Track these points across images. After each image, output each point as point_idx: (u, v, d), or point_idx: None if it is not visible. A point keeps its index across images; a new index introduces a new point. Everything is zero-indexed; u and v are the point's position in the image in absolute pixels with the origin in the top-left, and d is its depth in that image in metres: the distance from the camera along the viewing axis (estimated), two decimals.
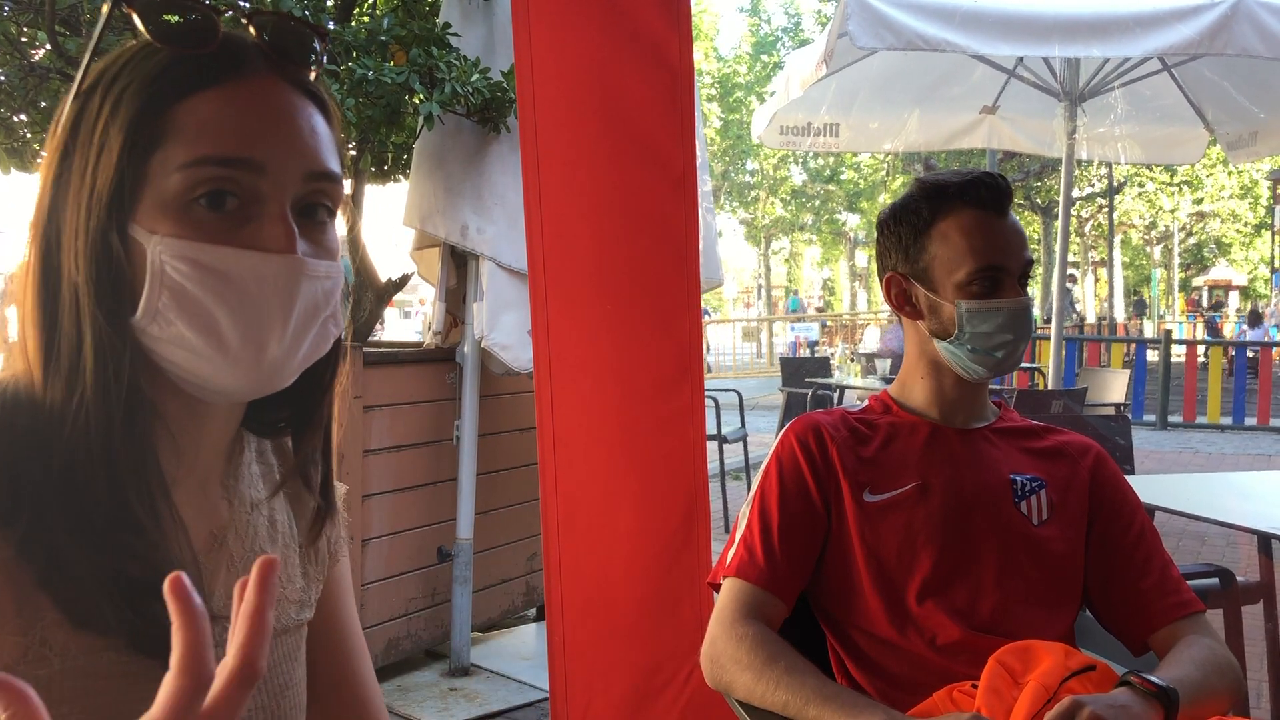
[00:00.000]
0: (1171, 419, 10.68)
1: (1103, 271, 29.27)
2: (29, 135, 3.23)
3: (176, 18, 0.69)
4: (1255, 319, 18.93)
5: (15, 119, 3.22)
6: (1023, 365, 10.21)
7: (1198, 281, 32.95)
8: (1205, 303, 28.89)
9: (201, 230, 0.67)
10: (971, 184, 1.44)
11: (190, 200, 0.67)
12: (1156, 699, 1.15)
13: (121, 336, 0.68)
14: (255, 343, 0.69)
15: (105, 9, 0.71)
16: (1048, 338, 9.25)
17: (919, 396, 1.53)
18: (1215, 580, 2.07)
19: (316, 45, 0.74)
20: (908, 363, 1.55)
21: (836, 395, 6.73)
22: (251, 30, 0.72)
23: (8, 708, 0.46)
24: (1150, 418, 10.71)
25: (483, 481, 3.47)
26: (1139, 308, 27.03)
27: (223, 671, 0.50)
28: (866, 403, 1.61)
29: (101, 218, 0.67)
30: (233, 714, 0.50)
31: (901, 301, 1.51)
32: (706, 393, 2.28)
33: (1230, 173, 23.89)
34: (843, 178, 25.25)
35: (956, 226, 1.43)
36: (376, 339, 4.86)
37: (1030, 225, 22.82)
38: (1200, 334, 20.20)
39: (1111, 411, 5.58)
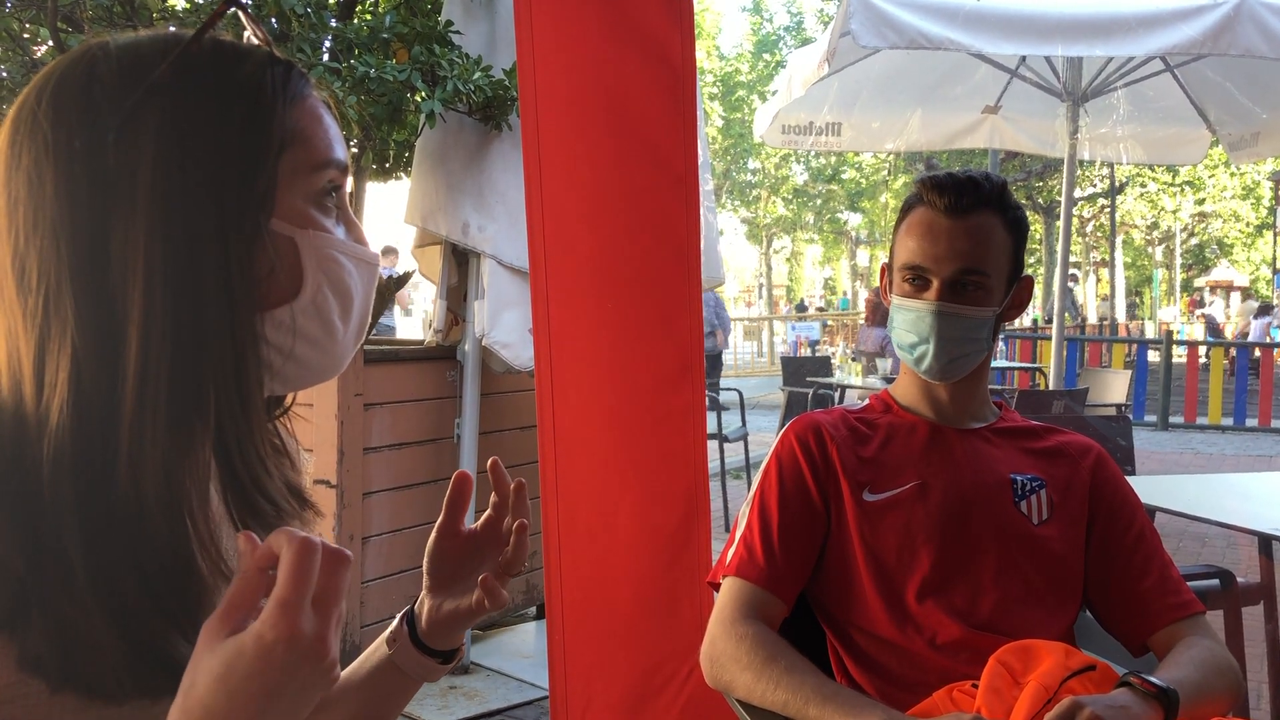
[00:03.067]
0: (1172, 420, 10.66)
1: (1104, 272, 29.26)
2: None
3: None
4: (1264, 309, 18.73)
5: None
6: (1024, 365, 10.21)
7: (1199, 282, 32.93)
8: (1206, 301, 28.84)
9: (329, 227, 0.72)
10: (926, 182, 1.46)
11: (320, 200, 0.72)
12: (1156, 700, 1.15)
13: (254, 334, 0.68)
14: (352, 334, 0.75)
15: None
16: (1049, 338, 9.25)
17: (912, 394, 1.54)
18: (1215, 581, 2.07)
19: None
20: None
21: (837, 394, 6.73)
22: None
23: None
24: (1151, 418, 10.70)
25: (483, 479, 3.47)
26: (1130, 311, 26.93)
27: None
28: (867, 401, 1.61)
29: (248, 217, 0.67)
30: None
31: (885, 291, 1.55)
32: (707, 391, 2.28)
33: (1232, 173, 23.86)
34: (844, 177, 25.24)
35: (909, 224, 1.47)
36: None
37: (1032, 225, 22.81)
38: (1201, 334, 20.17)
39: (1112, 412, 5.58)
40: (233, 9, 0.70)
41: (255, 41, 0.73)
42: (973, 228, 1.42)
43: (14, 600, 0.60)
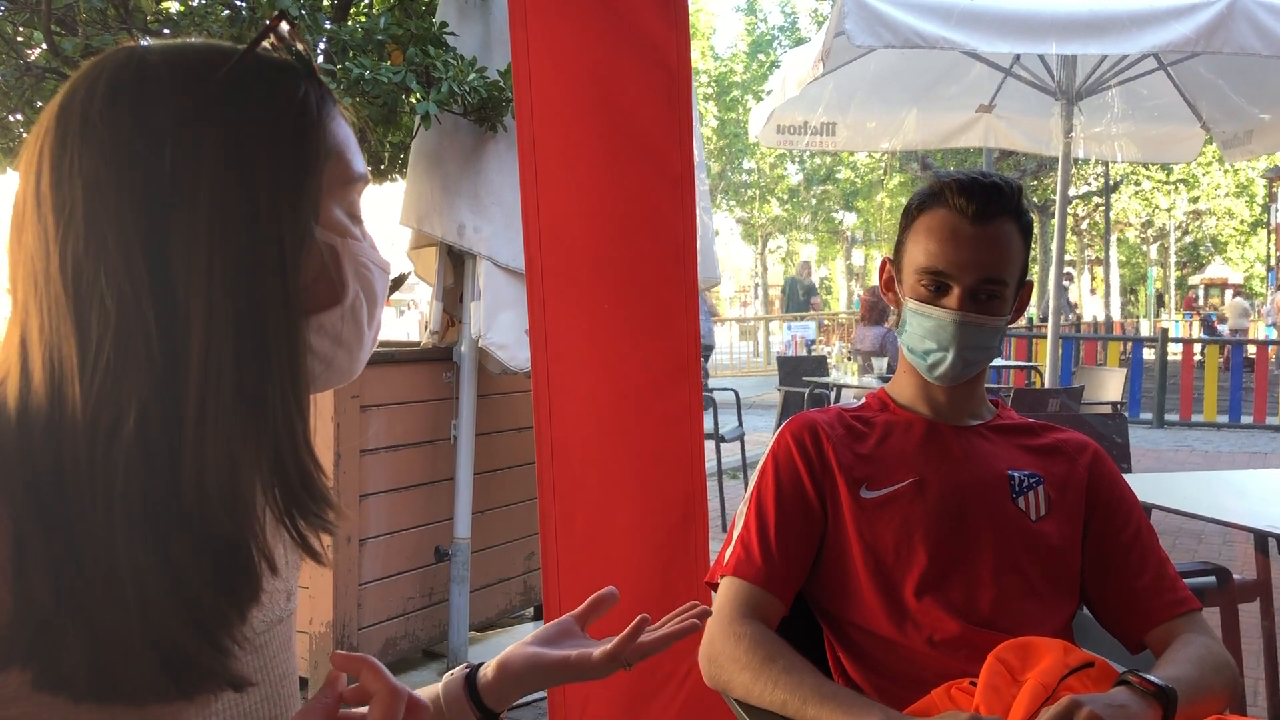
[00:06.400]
0: (1168, 417, 10.69)
1: (1099, 270, 29.30)
2: (25, 135, 3.23)
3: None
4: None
5: (11, 119, 3.22)
6: (1019, 364, 10.22)
7: (1194, 280, 32.99)
8: (1203, 302, 28.89)
9: (360, 236, 0.75)
10: (950, 185, 1.42)
11: (351, 211, 0.75)
12: (1155, 698, 1.15)
13: (301, 339, 0.69)
14: (371, 338, 0.78)
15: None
16: (1044, 336, 9.27)
17: (909, 393, 1.54)
18: (1212, 578, 2.07)
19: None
20: (900, 358, 1.56)
21: (833, 394, 6.73)
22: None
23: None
24: (1147, 416, 10.72)
25: (480, 481, 3.47)
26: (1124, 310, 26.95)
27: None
28: (864, 400, 1.61)
29: (301, 225, 0.68)
30: None
31: (886, 287, 1.54)
32: (704, 392, 2.28)
33: (1226, 171, 23.90)
34: (839, 177, 25.25)
35: (926, 225, 1.44)
36: None
37: None
38: (1196, 332, 20.20)
39: (1108, 410, 5.59)
40: (279, 26, 0.71)
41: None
42: (995, 235, 1.41)
43: (36, 633, 0.60)
